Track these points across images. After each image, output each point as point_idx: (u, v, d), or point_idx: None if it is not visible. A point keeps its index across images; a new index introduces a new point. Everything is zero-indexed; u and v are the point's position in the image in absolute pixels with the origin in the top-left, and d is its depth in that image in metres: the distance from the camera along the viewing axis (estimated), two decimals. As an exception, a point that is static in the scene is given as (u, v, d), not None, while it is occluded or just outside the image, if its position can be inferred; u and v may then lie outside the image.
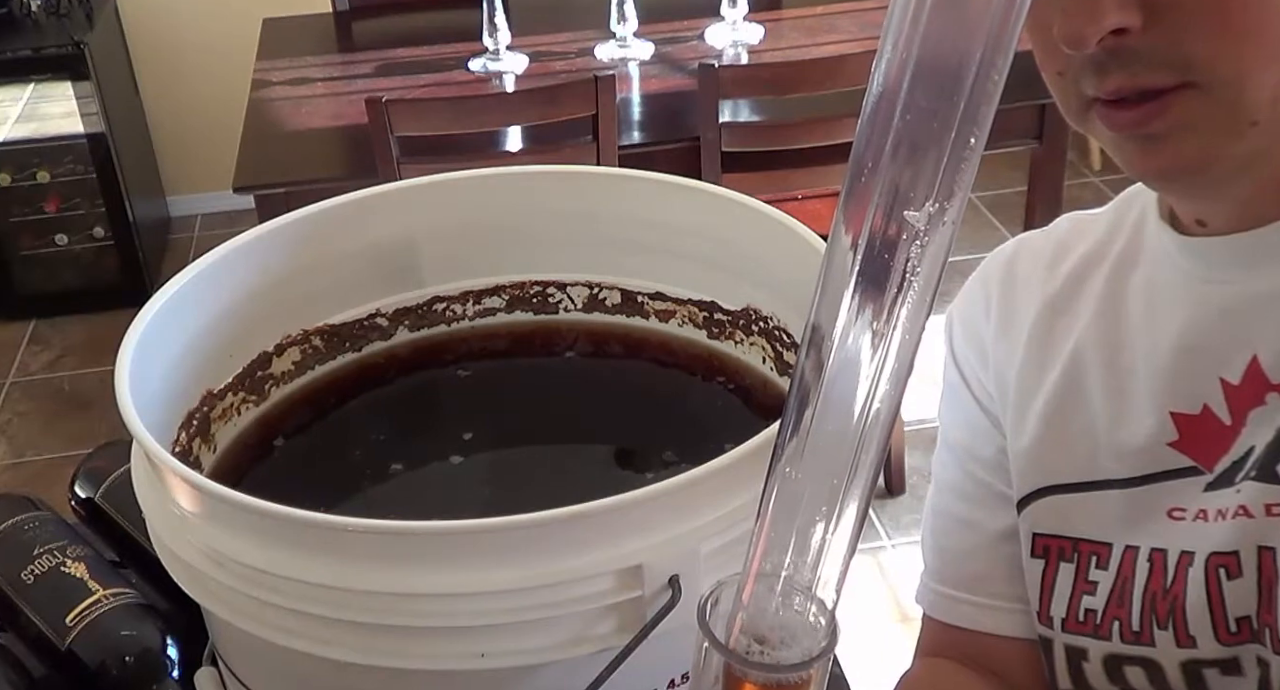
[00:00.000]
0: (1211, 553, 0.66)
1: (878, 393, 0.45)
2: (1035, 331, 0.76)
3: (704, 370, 0.85)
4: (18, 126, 3.17)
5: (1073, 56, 0.59)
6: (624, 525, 0.57)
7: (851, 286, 0.44)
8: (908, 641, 0.87)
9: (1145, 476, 0.70)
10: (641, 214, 0.84)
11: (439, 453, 0.81)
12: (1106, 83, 0.59)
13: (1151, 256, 0.72)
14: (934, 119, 0.42)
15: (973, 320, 0.81)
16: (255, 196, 2.15)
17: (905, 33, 0.42)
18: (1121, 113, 0.60)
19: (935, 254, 0.43)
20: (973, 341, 0.81)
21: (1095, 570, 0.72)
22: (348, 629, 0.58)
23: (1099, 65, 0.59)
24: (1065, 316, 0.75)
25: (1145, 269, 0.72)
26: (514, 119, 2.18)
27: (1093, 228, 0.77)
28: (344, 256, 0.83)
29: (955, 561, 0.82)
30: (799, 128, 2.15)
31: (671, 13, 2.69)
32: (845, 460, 0.46)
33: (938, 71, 0.42)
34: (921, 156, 0.42)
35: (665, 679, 0.62)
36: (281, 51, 2.65)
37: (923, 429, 2.71)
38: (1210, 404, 0.67)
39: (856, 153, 0.44)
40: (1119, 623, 0.70)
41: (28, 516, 0.89)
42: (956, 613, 0.82)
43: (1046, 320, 0.76)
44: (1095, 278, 0.75)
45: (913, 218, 0.43)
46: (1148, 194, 0.73)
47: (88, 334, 3.20)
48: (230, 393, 0.79)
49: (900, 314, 0.44)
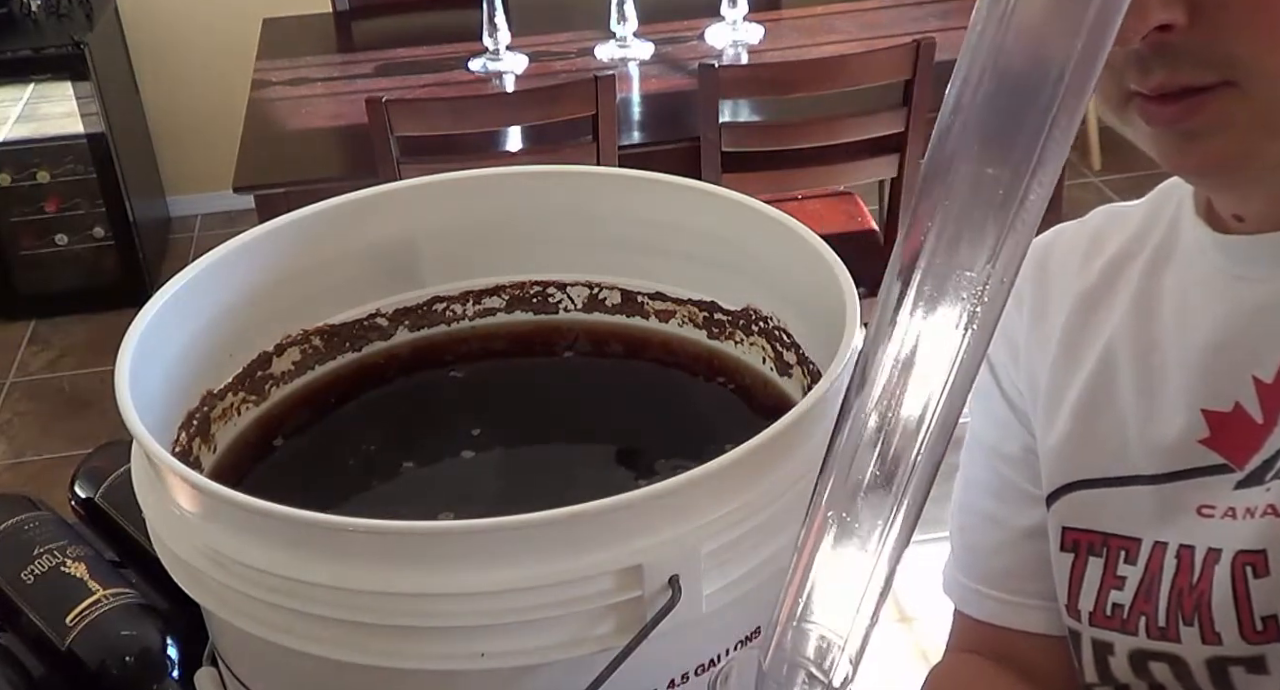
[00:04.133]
0: (1239, 550, 0.66)
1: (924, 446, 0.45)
2: (1068, 327, 0.76)
3: (704, 370, 0.85)
4: (18, 126, 3.17)
5: (1115, 50, 0.59)
6: (624, 525, 0.57)
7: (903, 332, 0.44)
8: (908, 641, 0.87)
9: (1175, 473, 0.70)
10: (641, 214, 0.84)
11: (441, 453, 0.81)
12: (1149, 79, 0.59)
13: (1186, 252, 0.71)
14: (998, 185, 0.42)
15: (1007, 322, 0.80)
16: (255, 196, 2.15)
17: (968, 97, 0.42)
18: (1161, 108, 0.59)
19: (988, 314, 0.43)
20: (1004, 336, 0.80)
21: (1124, 565, 0.72)
22: (348, 629, 0.58)
23: (1142, 61, 0.58)
24: (1099, 312, 0.75)
25: (1180, 265, 0.72)
26: (514, 119, 2.19)
27: (1128, 220, 0.77)
28: (344, 256, 0.83)
29: (983, 557, 0.82)
30: (799, 128, 2.15)
31: (671, 13, 2.69)
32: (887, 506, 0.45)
33: (1002, 134, 0.42)
34: (981, 219, 0.42)
35: (665, 679, 0.62)
36: (281, 51, 2.65)
37: (923, 429, 2.71)
38: (1242, 402, 0.67)
39: (915, 206, 0.44)
40: (1145, 618, 0.70)
41: (28, 516, 0.89)
42: (984, 608, 0.82)
43: (1080, 316, 0.76)
44: (1130, 272, 0.74)
45: (969, 278, 0.43)
46: (1185, 188, 0.73)
47: (88, 334, 3.20)
48: (230, 393, 0.79)
49: (953, 375, 0.44)
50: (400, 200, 0.84)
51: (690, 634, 0.61)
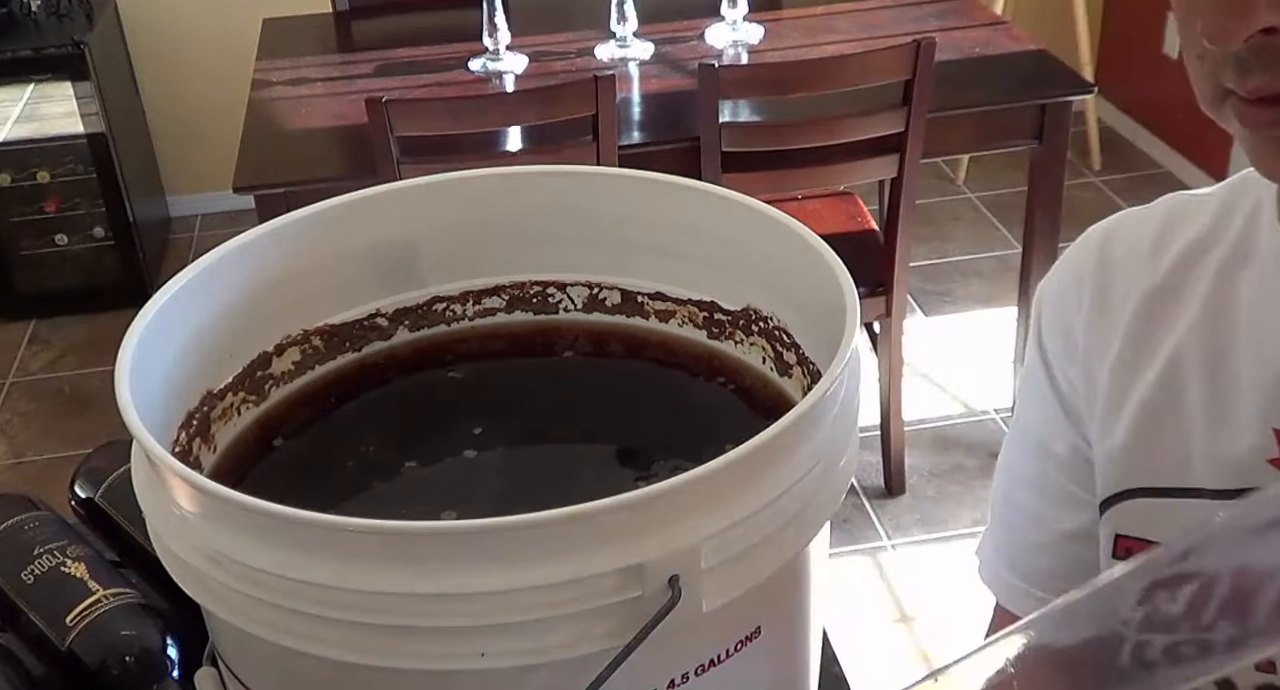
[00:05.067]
0: None
1: None
2: (1134, 325, 0.72)
3: (704, 370, 0.85)
4: (18, 126, 3.17)
5: (1213, 48, 0.57)
6: (624, 525, 0.57)
7: None
8: (908, 641, 0.87)
9: (1240, 490, 0.67)
10: (641, 214, 0.84)
11: (442, 453, 0.81)
12: (1248, 81, 0.57)
13: (1265, 256, 0.68)
14: None
15: (1062, 306, 0.77)
16: (255, 196, 2.15)
17: None
18: (1258, 111, 0.58)
19: None
20: (1060, 329, 0.77)
21: None
22: (348, 629, 0.58)
23: (1242, 62, 0.57)
24: (1167, 312, 0.71)
25: (1257, 269, 0.68)
26: (514, 119, 2.19)
27: (1199, 212, 0.73)
28: (344, 256, 0.83)
29: (1024, 554, 0.80)
30: (799, 128, 2.15)
31: (671, 13, 2.69)
32: None
33: None
34: None
35: (665, 679, 0.62)
36: (281, 51, 2.65)
37: (922, 429, 2.71)
38: None
39: None
40: None
41: (28, 516, 0.89)
42: (1025, 606, 0.79)
43: (1146, 315, 0.72)
44: (1201, 271, 0.71)
45: None
46: (1265, 185, 0.69)
47: (88, 334, 3.20)
48: (230, 393, 0.79)
49: None
50: (400, 200, 0.84)
51: (690, 634, 0.61)
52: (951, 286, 3.23)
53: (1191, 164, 3.51)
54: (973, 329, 3.06)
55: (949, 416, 2.77)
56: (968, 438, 2.70)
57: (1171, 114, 3.57)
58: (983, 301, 3.15)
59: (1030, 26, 2.93)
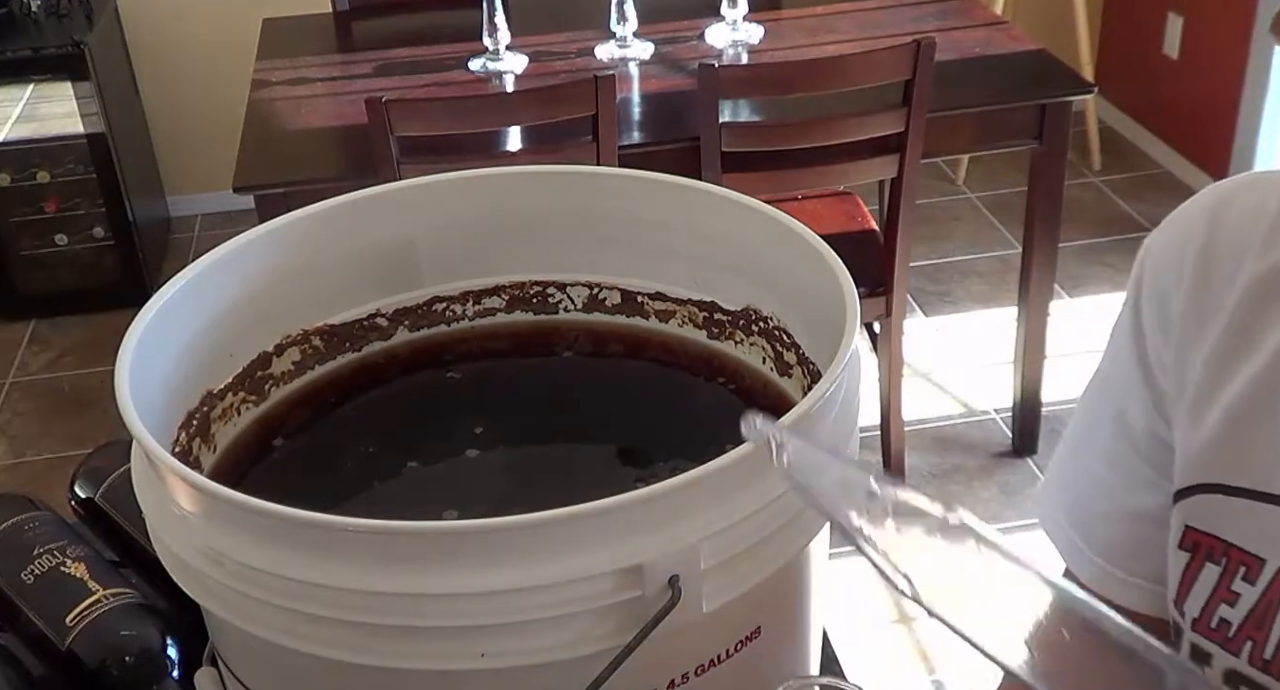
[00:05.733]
0: None
1: None
2: (1238, 315, 0.67)
3: (704, 370, 0.85)
4: (18, 126, 3.17)
5: None
6: (624, 525, 0.57)
7: None
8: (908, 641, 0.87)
9: None
10: (641, 214, 0.84)
11: (443, 452, 0.81)
12: None
13: None
14: None
15: (1163, 268, 0.71)
16: (255, 196, 2.15)
17: None
18: None
19: None
20: (1158, 298, 0.71)
21: (1240, 582, 0.66)
22: (348, 629, 0.58)
23: None
24: (1277, 305, 0.65)
25: None
26: (514, 119, 2.18)
27: None
28: (344, 256, 0.83)
29: (1087, 520, 0.76)
30: (799, 128, 2.15)
31: (671, 13, 2.69)
32: None
33: None
34: None
35: (665, 679, 0.62)
36: (281, 51, 2.65)
37: (923, 429, 2.71)
38: None
39: None
40: (1252, 644, 0.65)
41: (27, 516, 0.89)
42: (1086, 570, 0.76)
43: (1254, 304, 0.66)
44: None
45: None
46: None
47: (88, 334, 3.20)
48: (230, 393, 0.79)
49: None
50: (400, 200, 0.84)
51: (690, 634, 0.61)
52: (951, 286, 3.23)
53: (1191, 164, 3.51)
54: (973, 329, 3.06)
55: (949, 416, 2.77)
56: (968, 438, 2.70)
57: (1171, 114, 3.57)
58: (983, 301, 3.15)
59: (1030, 26, 2.93)
